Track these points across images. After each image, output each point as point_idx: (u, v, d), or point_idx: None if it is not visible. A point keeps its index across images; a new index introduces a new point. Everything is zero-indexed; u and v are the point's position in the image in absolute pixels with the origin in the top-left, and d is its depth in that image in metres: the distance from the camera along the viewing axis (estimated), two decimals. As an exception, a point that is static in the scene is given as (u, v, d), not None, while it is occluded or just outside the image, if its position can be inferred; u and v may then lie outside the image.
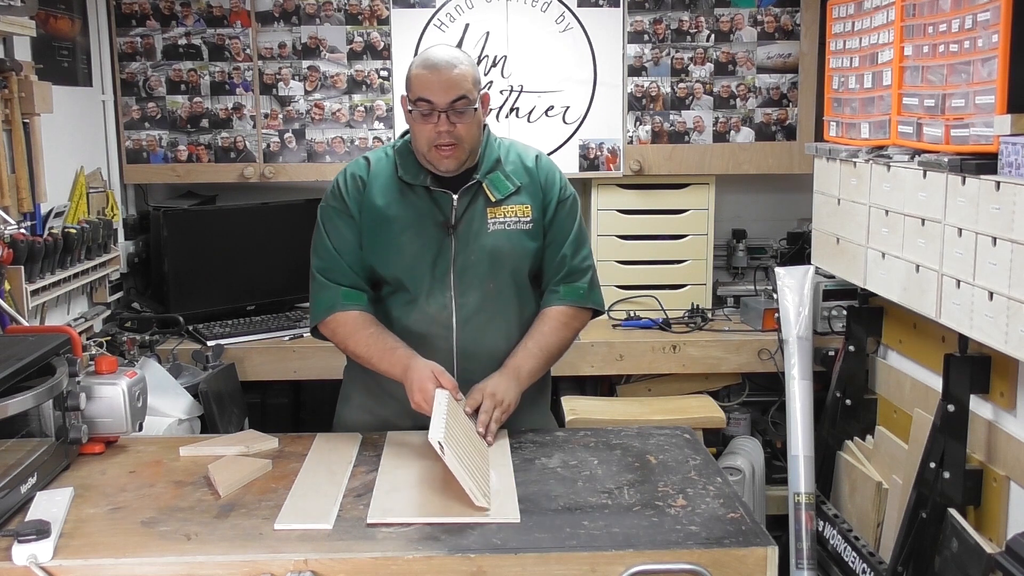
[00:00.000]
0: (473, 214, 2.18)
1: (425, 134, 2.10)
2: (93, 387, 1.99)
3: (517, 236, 2.20)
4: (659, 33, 3.43)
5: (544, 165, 2.28)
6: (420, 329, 2.19)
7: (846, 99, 2.87)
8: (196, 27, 3.40)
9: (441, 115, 2.07)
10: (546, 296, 2.27)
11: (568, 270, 2.25)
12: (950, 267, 2.26)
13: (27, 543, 1.56)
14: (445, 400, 1.99)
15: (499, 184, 2.20)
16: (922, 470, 2.46)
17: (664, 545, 1.62)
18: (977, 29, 2.12)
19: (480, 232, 2.18)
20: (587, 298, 2.27)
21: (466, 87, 2.08)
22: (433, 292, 2.17)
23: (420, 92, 2.09)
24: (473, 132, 2.13)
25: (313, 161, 3.46)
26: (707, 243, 3.53)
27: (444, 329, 2.18)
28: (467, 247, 2.17)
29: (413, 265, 2.17)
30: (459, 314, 2.18)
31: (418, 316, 2.18)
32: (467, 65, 2.12)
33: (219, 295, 3.40)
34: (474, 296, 2.18)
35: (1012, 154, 2.00)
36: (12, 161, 2.55)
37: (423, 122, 2.10)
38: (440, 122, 2.08)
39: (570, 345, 2.28)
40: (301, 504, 1.77)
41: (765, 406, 3.51)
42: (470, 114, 2.09)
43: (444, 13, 3.38)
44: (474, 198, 2.18)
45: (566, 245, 2.25)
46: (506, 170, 2.22)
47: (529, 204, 2.21)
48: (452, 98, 2.07)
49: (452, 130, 2.08)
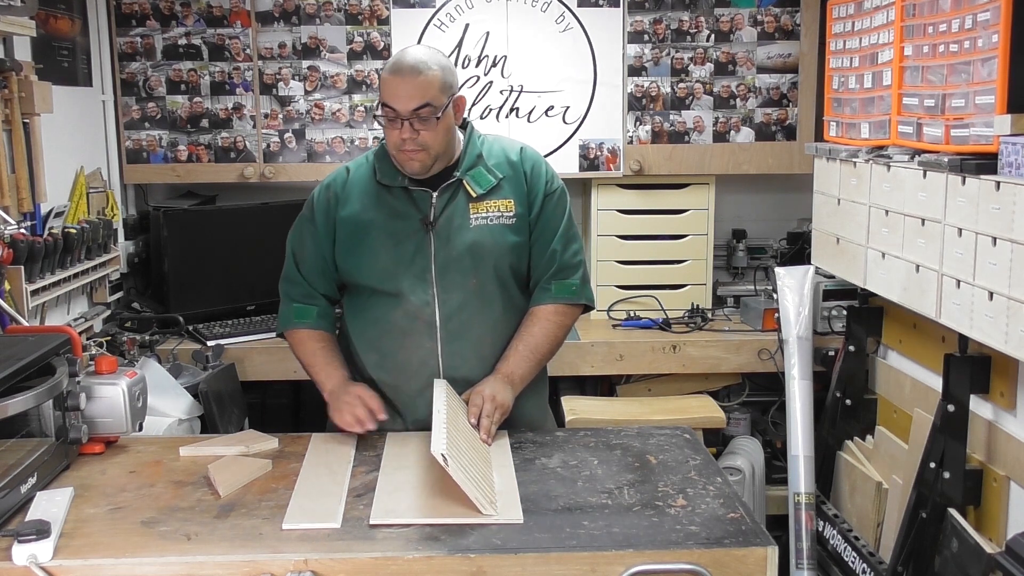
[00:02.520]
0: (453, 211, 2.17)
1: (391, 138, 2.10)
2: (93, 387, 1.99)
3: (499, 231, 2.18)
4: (659, 33, 3.43)
5: (529, 157, 2.25)
6: (403, 326, 2.19)
7: (846, 99, 2.87)
8: (196, 27, 3.40)
9: (404, 122, 2.05)
10: (537, 293, 2.25)
11: (559, 266, 2.23)
12: (950, 267, 2.26)
13: (27, 543, 1.56)
14: (444, 400, 1.99)
15: (480, 179, 2.18)
16: (922, 470, 2.46)
17: (664, 545, 1.62)
18: (977, 29, 2.12)
19: (461, 228, 2.16)
20: (579, 294, 2.26)
21: (430, 94, 2.04)
22: (415, 290, 2.17)
23: (385, 98, 2.07)
24: (439, 138, 2.09)
25: (313, 161, 3.46)
26: (707, 243, 3.53)
27: (427, 326, 2.18)
28: (447, 244, 2.16)
29: (389, 266, 2.17)
30: (442, 311, 2.17)
31: (400, 314, 2.18)
32: (436, 69, 2.07)
33: (219, 295, 3.40)
34: (457, 293, 2.17)
35: (1012, 154, 2.00)
36: (12, 161, 2.55)
37: (389, 127, 2.09)
38: (404, 129, 2.06)
39: (562, 343, 2.27)
40: (307, 504, 1.77)
41: (765, 406, 3.51)
42: (433, 122, 2.06)
43: (444, 13, 3.38)
44: (454, 195, 2.17)
45: (555, 240, 2.23)
46: (488, 164, 2.20)
47: (512, 199, 2.19)
48: (414, 106, 2.04)
49: (416, 137, 2.06)
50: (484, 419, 2.05)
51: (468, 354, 2.19)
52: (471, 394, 2.11)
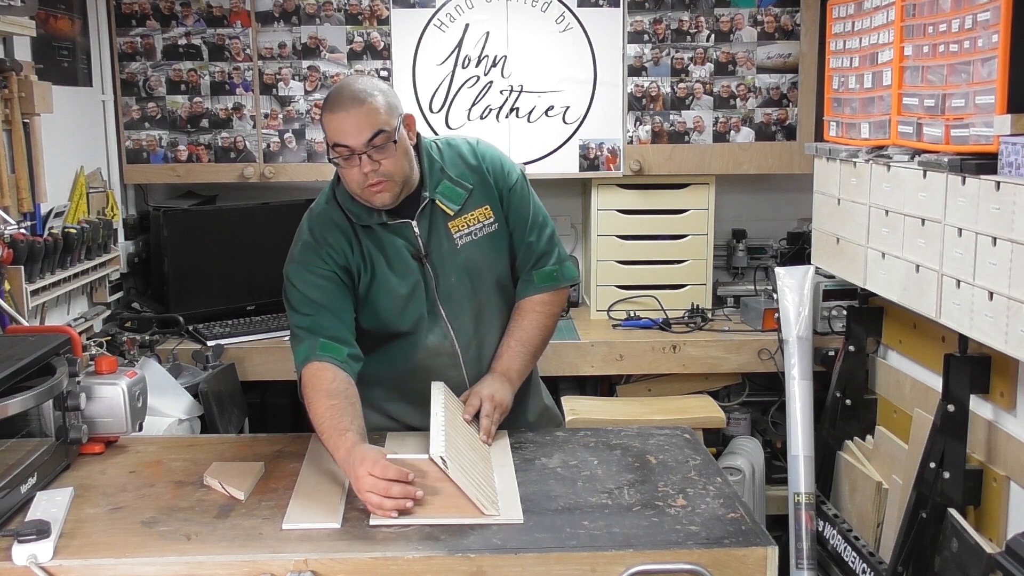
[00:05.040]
0: (439, 235, 2.10)
1: (354, 178, 1.98)
2: (93, 387, 1.99)
3: (486, 243, 2.14)
4: (659, 33, 3.43)
5: (484, 153, 2.18)
6: (427, 364, 2.15)
7: (846, 99, 2.87)
8: (196, 27, 3.40)
9: (362, 156, 1.94)
10: (521, 286, 2.22)
11: (536, 255, 2.20)
12: (950, 267, 2.26)
13: (27, 543, 1.56)
14: (442, 401, 1.99)
15: (451, 195, 2.10)
16: (922, 470, 2.46)
17: (664, 545, 1.62)
18: (977, 29, 2.12)
19: (451, 252, 2.11)
20: (560, 278, 2.22)
21: (381, 120, 1.94)
22: (432, 328, 2.13)
23: (335, 137, 1.95)
24: (401, 164, 1.99)
25: (313, 161, 3.46)
26: (707, 243, 3.53)
27: (450, 358, 2.15)
28: (444, 271, 2.11)
29: (400, 308, 2.10)
30: (459, 340, 2.14)
31: (423, 354, 2.14)
32: (378, 95, 1.96)
33: (219, 295, 3.40)
34: (466, 317, 2.15)
35: (1012, 154, 2.00)
36: (12, 161, 2.55)
37: (347, 167, 1.97)
38: (363, 163, 1.95)
39: (553, 332, 2.25)
40: (307, 504, 1.77)
41: (765, 406, 3.51)
42: (391, 148, 1.96)
43: (444, 13, 3.38)
44: (432, 218, 2.10)
45: (528, 230, 2.19)
46: (452, 176, 2.12)
47: (487, 204, 2.14)
48: (367, 137, 1.93)
49: (377, 168, 1.95)
50: (484, 419, 2.05)
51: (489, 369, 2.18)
52: (469, 394, 2.11)
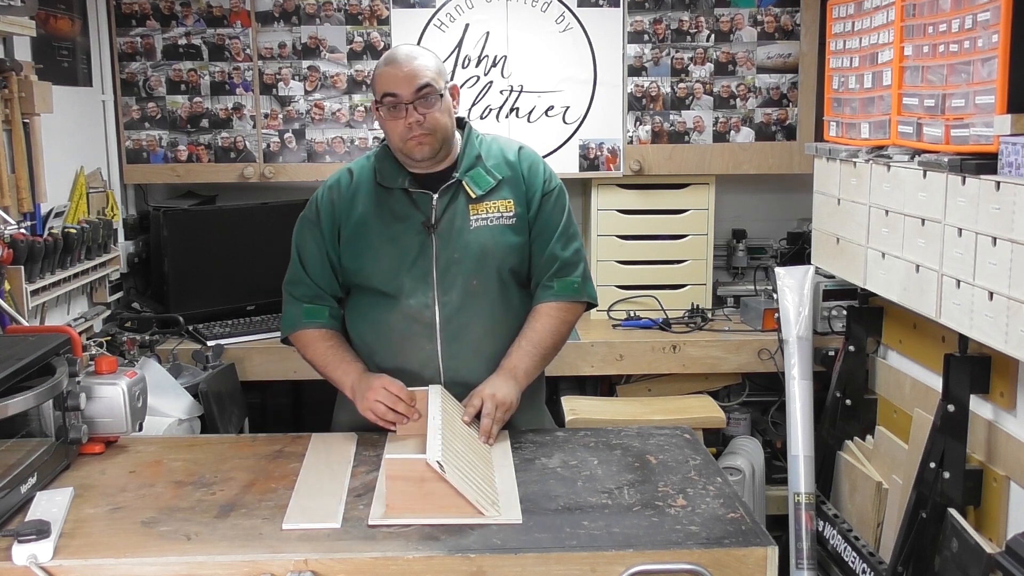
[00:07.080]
0: (454, 212, 2.18)
1: (397, 130, 2.13)
2: (93, 387, 1.99)
3: (500, 232, 2.20)
4: (659, 33, 3.43)
5: (526, 157, 2.27)
6: (402, 328, 2.19)
7: (846, 99, 2.86)
8: (196, 27, 3.40)
9: (408, 107, 2.09)
10: (539, 292, 2.26)
11: (560, 264, 2.24)
12: (950, 267, 2.26)
13: (27, 543, 1.56)
14: (439, 405, 1.98)
15: (479, 180, 2.20)
16: (922, 470, 2.46)
17: (664, 545, 1.62)
18: (977, 29, 2.12)
19: (463, 229, 2.18)
20: (581, 291, 2.26)
21: (429, 75, 2.11)
22: (415, 292, 2.17)
23: (384, 87, 2.12)
24: (443, 121, 2.14)
25: (313, 161, 3.46)
26: (707, 243, 3.53)
27: (427, 328, 2.18)
28: (449, 245, 2.17)
29: (391, 269, 2.18)
30: (442, 312, 2.18)
31: (400, 316, 2.19)
32: (428, 57, 2.16)
33: (219, 295, 3.40)
34: (456, 294, 2.18)
35: (1012, 154, 2.00)
36: (12, 161, 2.55)
37: (392, 118, 2.12)
38: (409, 114, 2.09)
39: (565, 340, 2.28)
40: (307, 504, 1.77)
41: (765, 406, 3.51)
42: (437, 102, 2.11)
43: (444, 13, 3.38)
44: (455, 196, 2.19)
45: (555, 239, 2.24)
46: (487, 165, 2.22)
47: (511, 199, 2.21)
48: (416, 87, 2.09)
49: (422, 121, 2.10)
50: (484, 419, 2.05)
51: (468, 355, 2.19)
52: (472, 395, 2.11)
